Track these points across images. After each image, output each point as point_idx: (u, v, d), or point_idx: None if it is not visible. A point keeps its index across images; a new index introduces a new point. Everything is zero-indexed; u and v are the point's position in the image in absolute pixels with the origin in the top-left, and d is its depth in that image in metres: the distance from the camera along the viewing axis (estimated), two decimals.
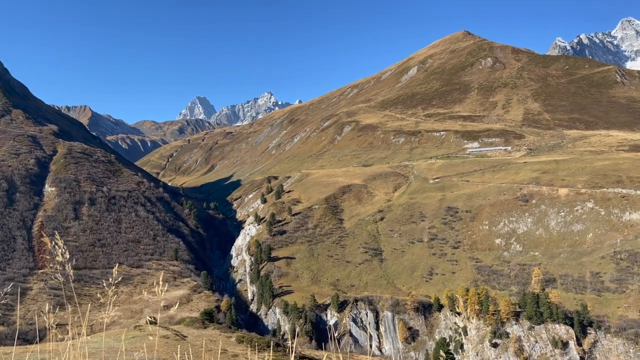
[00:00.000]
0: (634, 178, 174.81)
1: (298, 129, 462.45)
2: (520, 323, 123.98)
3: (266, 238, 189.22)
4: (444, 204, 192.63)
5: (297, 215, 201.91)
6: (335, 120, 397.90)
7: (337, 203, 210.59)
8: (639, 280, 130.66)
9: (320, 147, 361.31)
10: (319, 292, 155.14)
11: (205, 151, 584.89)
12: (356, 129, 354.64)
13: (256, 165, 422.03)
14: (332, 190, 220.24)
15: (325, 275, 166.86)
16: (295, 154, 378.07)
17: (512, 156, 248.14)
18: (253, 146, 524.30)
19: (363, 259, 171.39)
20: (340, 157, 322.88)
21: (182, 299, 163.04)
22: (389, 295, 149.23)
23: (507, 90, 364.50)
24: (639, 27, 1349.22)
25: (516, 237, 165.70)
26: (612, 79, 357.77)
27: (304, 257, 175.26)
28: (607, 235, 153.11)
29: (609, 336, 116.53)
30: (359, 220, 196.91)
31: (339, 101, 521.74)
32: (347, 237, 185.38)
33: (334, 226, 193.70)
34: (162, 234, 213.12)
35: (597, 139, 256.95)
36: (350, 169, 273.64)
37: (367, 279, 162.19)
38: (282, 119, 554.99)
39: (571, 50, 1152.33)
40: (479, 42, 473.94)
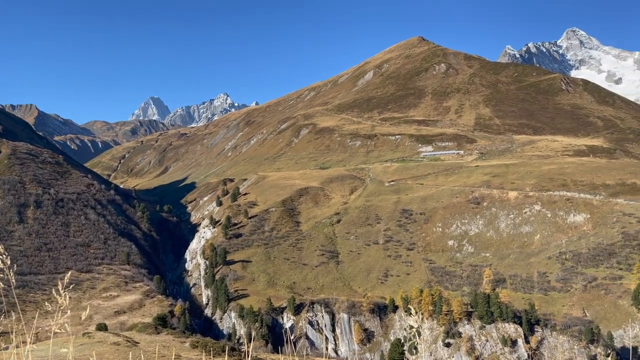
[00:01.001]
0: (577, 182, 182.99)
1: (255, 131, 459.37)
2: (472, 323, 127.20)
3: (222, 241, 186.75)
4: (399, 207, 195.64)
5: (254, 218, 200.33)
6: (292, 123, 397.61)
7: (294, 206, 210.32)
8: (582, 280, 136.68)
9: (278, 149, 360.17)
10: (276, 295, 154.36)
11: (159, 153, 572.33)
12: (313, 132, 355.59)
13: (212, 167, 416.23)
14: (289, 193, 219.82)
15: (281, 278, 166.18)
16: (252, 156, 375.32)
17: (465, 160, 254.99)
18: (208, 148, 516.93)
19: (320, 261, 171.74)
20: (298, 159, 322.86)
21: (134, 304, 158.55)
22: (345, 297, 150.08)
23: (460, 95, 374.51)
24: (583, 37, 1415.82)
25: (468, 239, 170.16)
26: (557, 86, 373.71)
27: (261, 261, 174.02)
28: (553, 237, 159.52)
29: (555, 334, 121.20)
30: (316, 222, 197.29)
31: (296, 104, 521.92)
32: (304, 240, 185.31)
33: (290, 229, 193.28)
34: (113, 237, 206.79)
35: (544, 144, 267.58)
36: (308, 171, 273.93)
37: (324, 282, 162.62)
38: (239, 121, 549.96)
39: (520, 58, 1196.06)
40: (433, 48, 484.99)
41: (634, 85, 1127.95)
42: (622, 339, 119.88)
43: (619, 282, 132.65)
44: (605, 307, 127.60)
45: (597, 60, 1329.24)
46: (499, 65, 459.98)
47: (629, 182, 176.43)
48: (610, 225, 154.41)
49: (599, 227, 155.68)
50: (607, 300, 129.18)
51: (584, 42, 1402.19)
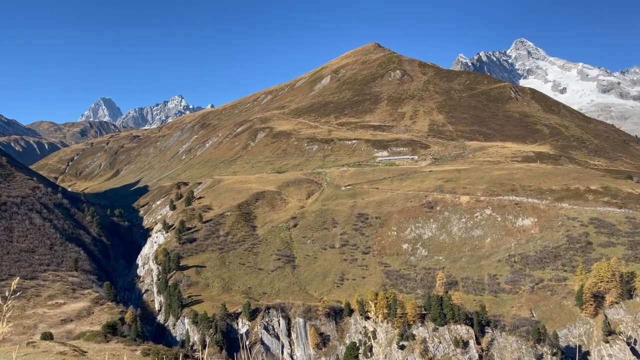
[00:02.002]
0: (525, 187, 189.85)
1: (210, 134, 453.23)
2: (425, 325, 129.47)
3: (175, 246, 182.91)
4: (355, 211, 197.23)
5: (209, 223, 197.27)
6: (249, 126, 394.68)
7: (250, 210, 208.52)
8: (530, 281, 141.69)
9: (233, 153, 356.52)
10: (230, 300, 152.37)
11: (110, 155, 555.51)
12: (270, 136, 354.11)
13: (165, 170, 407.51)
14: (245, 197, 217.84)
15: (237, 283, 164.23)
16: (207, 159, 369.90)
17: (419, 165, 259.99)
18: (162, 151, 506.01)
19: (276, 266, 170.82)
20: (254, 163, 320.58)
21: (82, 311, 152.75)
22: (301, 301, 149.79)
23: (415, 102, 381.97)
24: (530, 47, 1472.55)
25: (422, 242, 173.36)
26: (507, 94, 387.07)
27: (215, 266, 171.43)
28: (502, 240, 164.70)
29: (504, 334, 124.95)
30: (272, 227, 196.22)
31: (252, 107, 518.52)
32: (259, 245, 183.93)
33: (246, 233, 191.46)
34: (60, 242, 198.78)
35: (495, 150, 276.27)
36: (264, 175, 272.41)
37: (280, 286, 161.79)
38: (194, 124, 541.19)
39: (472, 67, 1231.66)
40: (388, 55, 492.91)
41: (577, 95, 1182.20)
42: (566, 338, 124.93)
43: (563, 284, 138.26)
44: (551, 308, 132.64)
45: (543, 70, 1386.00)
46: (452, 73, 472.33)
47: (573, 187, 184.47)
48: (556, 228, 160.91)
49: (546, 230, 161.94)
50: (552, 300, 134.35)
51: (531, 53, 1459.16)
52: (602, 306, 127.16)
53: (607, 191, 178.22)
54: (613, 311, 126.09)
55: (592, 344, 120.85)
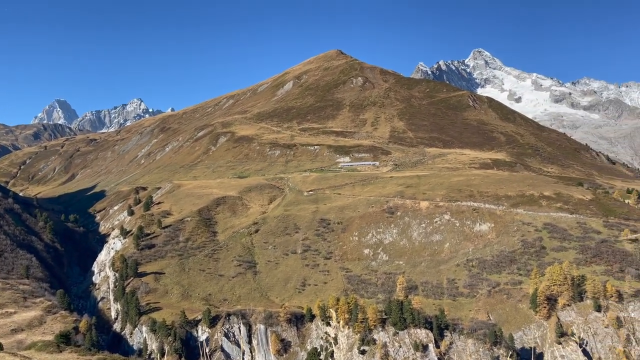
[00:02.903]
0: (483, 193, 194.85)
1: (170, 138, 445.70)
2: (386, 329, 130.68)
3: (133, 252, 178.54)
4: (317, 216, 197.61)
5: (168, 228, 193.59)
6: (210, 131, 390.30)
7: (210, 215, 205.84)
8: (487, 285, 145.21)
9: (194, 157, 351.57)
10: (190, 307, 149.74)
11: (65, 159, 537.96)
12: (232, 140, 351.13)
13: (123, 175, 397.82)
14: (206, 202, 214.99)
15: (196, 290, 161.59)
16: (167, 164, 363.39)
17: (380, 171, 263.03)
18: (120, 155, 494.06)
19: (237, 272, 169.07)
20: (215, 168, 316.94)
21: (34, 321, 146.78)
22: (262, 307, 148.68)
23: (376, 108, 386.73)
24: (488, 57, 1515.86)
25: (383, 247, 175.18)
26: (465, 103, 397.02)
27: (175, 272, 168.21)
28: (461, 245, 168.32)
29: (462, 337, 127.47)
30: (233, 232, 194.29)
31: (214, 111, 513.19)
32: (220, 250, 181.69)
33: (207, 239, 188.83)
34: (10, 249, 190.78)
35: (453, 157, 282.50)
36: (225, 180, 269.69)
37: (241, 293, 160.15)
38: (153, 127, 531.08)
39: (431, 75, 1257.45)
40: (350, 62, 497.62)
41: (531, 104, 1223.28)
42: (521, 340, 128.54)
43: (519, 287, 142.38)
44: (507, 311, 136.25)
45: (500, 80, 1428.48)
46: (412, 81, 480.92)
47: (528, 193, 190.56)
48: (512, 233, 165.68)
49: (502, 235, 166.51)
50: (508, 304, 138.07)
51: (488, 63, 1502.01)
52: (555, 309, 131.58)
53: (560, 197, 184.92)
54: (565, 313, 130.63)
55: (545, 346, 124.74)
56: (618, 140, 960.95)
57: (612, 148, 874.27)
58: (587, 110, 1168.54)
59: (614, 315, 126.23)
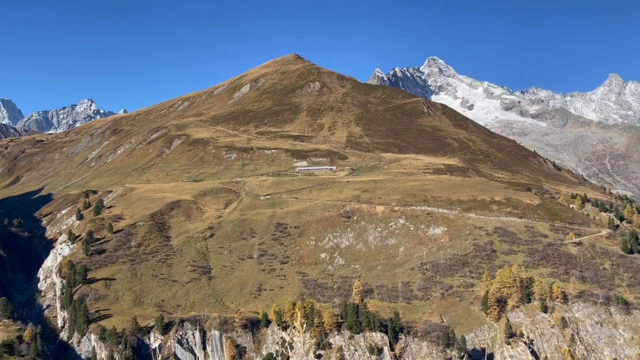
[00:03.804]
0: (436, 197, 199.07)
1: (122, 140, 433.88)
2: (342, 333, 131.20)
3: (82, 258, 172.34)
4: (274, 220, 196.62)
5: (119, 233, 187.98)
6: (164, 133, 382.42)
7: (164, 220, 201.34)
8: (440, 288, 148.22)
9: (147, 160, 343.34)
10: (142, 314, 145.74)
11: (9, 161, 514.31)
12: (187, 143, 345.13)
13: (72, 177, 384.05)
14: (159, 206, 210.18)
15: (149, 296, 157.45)
16: (119, 166, 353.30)
17: (337, 175, 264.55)
18: (69, 157, 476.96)
19: (191, 277, 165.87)
20: (169, 171, 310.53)
21: None
22: (217, 313, 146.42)
23: (333, 113, 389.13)
24: (442, 65, 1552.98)
25: (339, 251, 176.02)
26: (420, 109, 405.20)
27: (126, 278, 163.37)
28: (415, 248, 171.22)
29: (416, 340, 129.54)
30: (187, 237, 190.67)
31: (168, 113, 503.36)
32: (174, 256, 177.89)
33: (160, 244, 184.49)
34: None
35: (408, 162, 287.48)
36: (180, 184, 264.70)
37: (195, 298, 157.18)
38: (105, 129, 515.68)
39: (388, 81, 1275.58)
40: (308, 66, 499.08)
41: (483, 112, 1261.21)
42: (473, 341, 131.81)
43: (471, 290, 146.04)
44: (459, 313, 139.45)
45: (453, 87, 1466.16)
46: (369, 87, 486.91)
47: (479, 198, 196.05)
48: (464, 237, 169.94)
49: (455, 239, 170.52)
50: (461, 306, 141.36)
51: (442, 70, 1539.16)
52: (505, 310, 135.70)
53: (509, 202, 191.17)
54: (514, 315, 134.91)
55: (496, 346, 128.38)
56: (563, 147, 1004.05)
57: (558, 155, 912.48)
58: (535, 118, 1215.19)
59: (559, 316, 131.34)
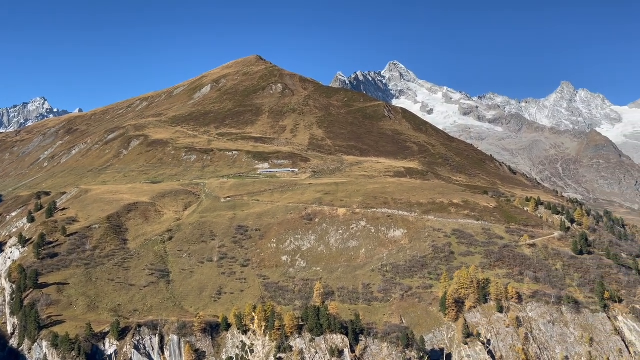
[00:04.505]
0: (397, 200, 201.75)
1: (77, 140, 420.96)
2: (302, 336, 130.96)
3: (33, 262, 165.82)
4: (234, 223, 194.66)
5: (73, 236, 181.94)
6: (121, 133, 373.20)
7: (121, 222, 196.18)
8: (400, 290, 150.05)
9: (104, 161, 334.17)
10: (97, 319, 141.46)
11: None
12: (145, 144, 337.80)
13: (23, 178, 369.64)
14: (116, 209, 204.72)
15: (104, 301, 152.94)
16: (73, 167, 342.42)
17: (299, 178, 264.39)
18: (20, 157, 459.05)
19: (149, 281, 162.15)
20: (127, 172, 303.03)
21: None
22: (175, 318, 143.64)
23: (296, 115, 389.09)
24: (402, 70, 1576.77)
25: (301, 254, 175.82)
26: (381, 113, 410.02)
27: (80, 283, 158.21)
28: (376, 250, 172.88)
29: (376, 341, 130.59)
30: (145, 240, 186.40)
31: (126, 113, 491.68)
32: (131, 259, 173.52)
33: (116, 247, 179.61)
34: None
35: (369, 165, 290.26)
36: (138, 185, 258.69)
37: (153, 303, 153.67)
38: (58, 128, 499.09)
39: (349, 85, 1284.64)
40: (270, 68, 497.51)
41: (442, 116, 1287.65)
42: (432, 342, 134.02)
43: (429, 291, 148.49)
44: (418, 314, 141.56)
45: (413, 92, 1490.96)
46: (331, 90, 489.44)
47: (438, 201, 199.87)
48: (423, 239, 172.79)
49: (414, 241, 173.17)
50: (420, 307, 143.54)
51: (403, 75, 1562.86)
52: (463, 311, 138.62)
53: (467, 205, 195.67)
54: (471, 315, 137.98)
55: (454, 347, 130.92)
56: (518, 152, 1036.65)
57: (513, 159, 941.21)
58: (492, 123, 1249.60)
59: (514, 316, 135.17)
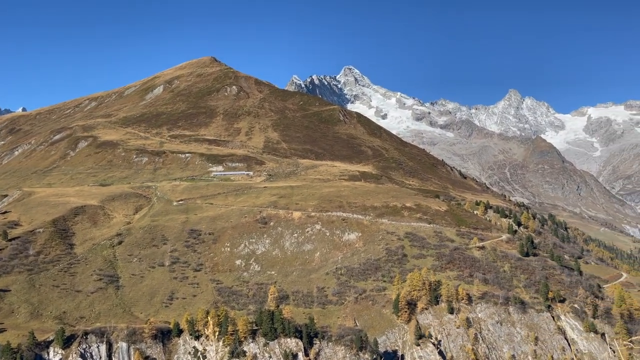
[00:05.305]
0: (352, 203, 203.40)
1: (21, 140, 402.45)
2: (256, 340, 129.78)
3: None
4: (187, 227, 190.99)
5: (15, 241, 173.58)
6: (69, 134, 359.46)
7: (67, 226, 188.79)
8: (354, 292, 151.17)
9: (49, 162, 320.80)
10: (41, 327, 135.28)
11: None
12: (94, 145, 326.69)
13: None
14: (62, 212, 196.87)
15: (49, 308, 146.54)
16: (16, 169, 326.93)
17: (254, 181, 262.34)
18: None
19: (96, 287, 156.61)
20: (74, 174, 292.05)
21: None
22: (124, 324, 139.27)
23: (251, 118, 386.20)
24: (357, 75, 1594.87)
25: (255, 258, 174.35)
26: (336, 117, 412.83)
27: (22, 289, 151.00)
28: (331, 254, 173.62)
29: (330, 344, 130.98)
30: (93, 244, 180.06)
31: (74, 113, 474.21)
32: (78, 264, 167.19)
33: (62, 252, 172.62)
34: None
35: (325, 169, 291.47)
36: (86, 188, 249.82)
37: (101, 309, 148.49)
38: (0, 128, 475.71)
39: (305, 88, 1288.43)
40: (225, 70, 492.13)
41: (396, 121, 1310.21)
42: (385, 343, 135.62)
43: (383, 293, 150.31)
44: (372, 316, 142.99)
45: (368, 97, 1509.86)
46: (286, 93, 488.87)
47: (392, 204, 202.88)
48: (377, 242, 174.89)
49: (369, 244, 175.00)
50: (373, 309, 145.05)
51: (358, 80, 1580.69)
52: (415, 312, 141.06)
53: (420, 208, 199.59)
54: (423, 316, 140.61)
55: (406, 348, 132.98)
56: (468, 157, 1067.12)
57: (464, 164, 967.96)
58: (444, 129, 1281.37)
59: (464, 317, 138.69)
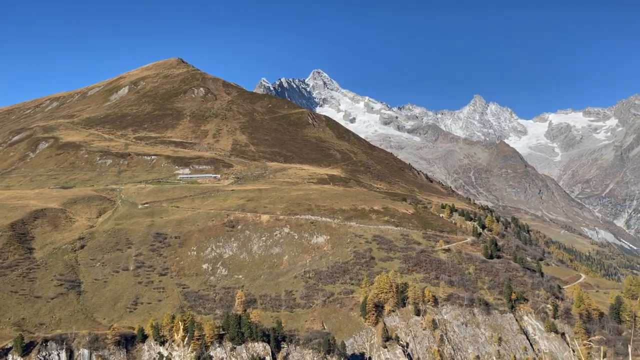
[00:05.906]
0: (320, 206, 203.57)
1: None
2: (223, 345, 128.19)
3: None
4: (152, 230, 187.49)
5: None
6: (28, 135, 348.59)
7: (26, 230, 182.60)
8: (322, 295, 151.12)
9: (8, 164, 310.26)
10: None
11: None
12: (55, 147, 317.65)
13: None
14: (21, 215, 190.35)
15: (7, 314, 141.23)
16: None
17: (222, 184, 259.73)
18: None
19: (57, 292, 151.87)
20: (34, 176, 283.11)
21: None
22: (86, 330, 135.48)
23: (218, 120, 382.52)
24: (326, 78, 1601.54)
25: (222, 262, 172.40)
26: (305, 120, 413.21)
27: None
28: (299, 257, 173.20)
29: (298, 348, 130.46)
30: (54, 249, 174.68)
31: (34, 113, 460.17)
32: (37, 269, 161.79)
33: (21, 257, 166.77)
34: None
35: (293, 172, 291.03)
36: (46, 190, 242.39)
37: (61, 315, 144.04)
38: None
39: (274, 91, 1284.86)
40: (192, 72, 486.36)
41: (364, 125, 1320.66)
42: (352, 346, 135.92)
43: (351, 296, 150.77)
44: (340, 319, 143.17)
45: (337, 101, 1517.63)
46: (255, 96, 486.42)
47: (360, 207, 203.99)
48: (345, 245, 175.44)
49: (337, 247, 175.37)
50: (341, 312, 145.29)
51: (327, 84, 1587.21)
52: (382, 315, 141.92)
53: (387, 211, 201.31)
54: (390, 319, 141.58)
55: (374, 350, 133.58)
56: (435, 161, 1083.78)
57: (430, 168, 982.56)
58: (411, 133, 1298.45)
59: (430, 318, 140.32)
